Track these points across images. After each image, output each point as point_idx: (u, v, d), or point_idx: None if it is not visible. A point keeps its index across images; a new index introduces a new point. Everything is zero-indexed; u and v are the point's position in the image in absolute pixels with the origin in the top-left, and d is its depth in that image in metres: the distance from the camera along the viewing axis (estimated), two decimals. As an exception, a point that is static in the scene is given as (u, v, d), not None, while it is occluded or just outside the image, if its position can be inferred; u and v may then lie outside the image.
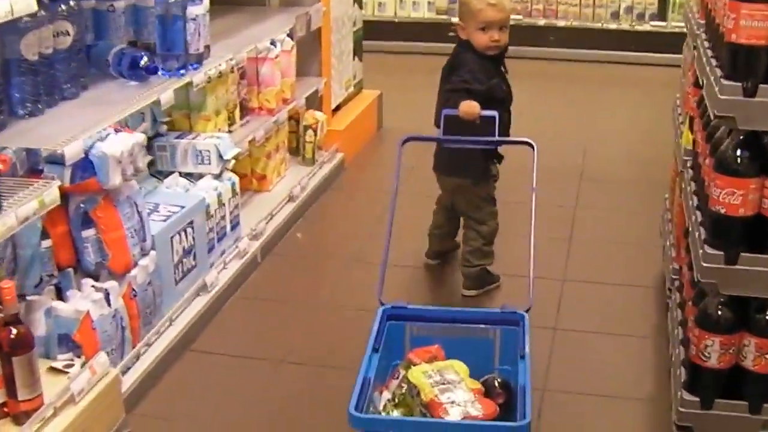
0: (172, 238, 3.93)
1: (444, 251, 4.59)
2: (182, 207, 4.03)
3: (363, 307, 3.88)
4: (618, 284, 4.51)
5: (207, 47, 4.24)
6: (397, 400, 2.95)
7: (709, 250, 2.85)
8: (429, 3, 8.89)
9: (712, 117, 2.80)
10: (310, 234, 5.08)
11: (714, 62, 2.93)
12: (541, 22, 8.79)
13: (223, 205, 4.37)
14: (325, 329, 4.17)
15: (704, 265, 2.85)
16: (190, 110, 4.56)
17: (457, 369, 2.99)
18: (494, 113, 3.70)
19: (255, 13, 5.48)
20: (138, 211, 3.66)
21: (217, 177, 4.41)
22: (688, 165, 3.58)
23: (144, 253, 3.71)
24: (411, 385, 2.92)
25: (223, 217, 4.38)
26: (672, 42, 8.40)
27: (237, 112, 4.77)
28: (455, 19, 4.29)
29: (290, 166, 5.59)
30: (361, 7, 6.56)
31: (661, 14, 8.61)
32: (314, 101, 5.73)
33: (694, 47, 3.63)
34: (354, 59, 6.43)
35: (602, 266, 4.69)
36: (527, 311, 3.23)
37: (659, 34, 8.57)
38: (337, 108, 6.18)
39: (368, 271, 4.28)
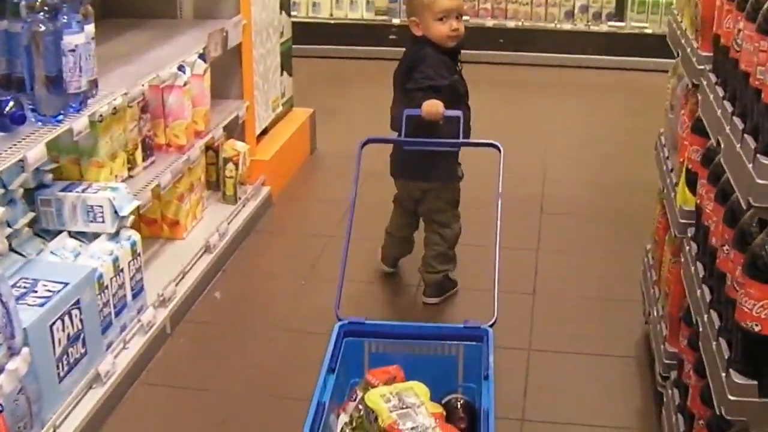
0: (51, 326, 3.15)
1: (401, 256, 4.36)
2: (66, 284, 3.26)
3: (294, 395, 3.27)
4: (592, 354, 3.81)
5: (93, 82, 3.47)
6: (354, 424, 2.82)
7: (738, 378, 2.15)
8: (367, 2, 8.12)
9: (743, 204, 2.09)
10: (230, 292, 4.33)
11: (739, 123, 2.22)
12: (490, 23, 8.11)
13: (121, 271, 3.61)
14: (251, 418, 3.44)
15: (732, 398, 2.15)
16: (79, 155, 3.77)
17: (417, 391, 2.81)
18: (458, 113, 3.57)
19: (163, 28, 4.71)
20: (2, 301, 2.88)
21: (114, 237, 3.64)
22: (689, 233, 2.89)
23: (13, 353, 2.93)
24: (368, 410, 2.77)
25: (121, 286, 3.62)
26: (632, 44, 7.80)
27: (139, 153, 4.00)
28: (397, 20, 4.27)
29: (209, 205, 4.84)
30: (289, 14, 5.80)
31: (619, 14, 7.98)
32: (236, 128, 4.97)
33: (695, 85, 2.93)
34: (282, 74, 5.67)
35: (572, 333, 3.99)
36: (491, 325, 3.07)
37: (617, 35, 7.91)
38: (264, 132, 5.42)
39: (301, 339, 3.77)
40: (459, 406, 2.96)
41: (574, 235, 4.89)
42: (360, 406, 2.83)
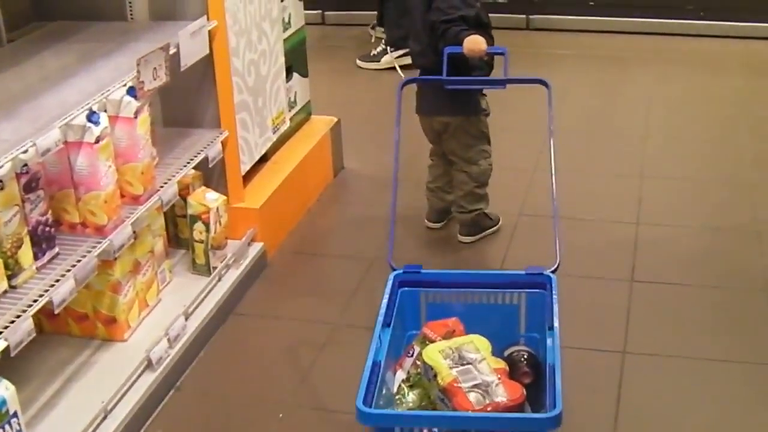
0: None
1: (446, 209, 4.09)
2: None
3: None
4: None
5: None
6: (412, 381, 2.68)
7: None
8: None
9: None
10: (182, 426, 3.03)
11: None
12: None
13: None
14: None
15: None
16: None
17: (477, 345, 2.69)
18: (503, 49, 3.30)
19: (100, 39, 3.42)
20: None
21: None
22: None
23: None
24: (427, 366, 2.63)
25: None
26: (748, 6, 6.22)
27: (28, 250, 2.71)
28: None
29: (179, 277, 3.56)
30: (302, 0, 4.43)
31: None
32: (216, 168, 3.66)
33: None
34: (290, 79, 4.31)
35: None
36: (554, 271, 2.93)
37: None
38: (264, 159, 4.08)
39: None
40: (523, 359, 2.81)
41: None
42: (418, 363, 2.72)
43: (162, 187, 3.26)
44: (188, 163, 3.46)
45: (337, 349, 3.35)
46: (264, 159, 4.11)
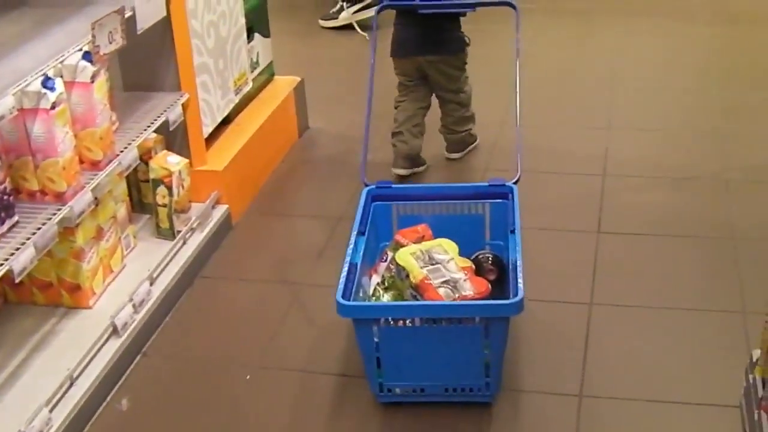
0: None
1: (413, 156, 4.13)
2: None
3: None
4: None
5: None
6: (386, 284, 2.89)
7: None
8: None
9: None
10: (146, 394, 3.02)
11: None
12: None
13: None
14: None
15: None
16: None
17: (446, 247, 2.93)
18: None
19: (51, 5, 3.35)
20: None
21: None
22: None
23: None
24: (399, 268, 2.86)
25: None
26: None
27: (-15, 218, 2.68)
28: None
29: (143, 242, 3.54)
30: (259, -44, 4.38)
31: None
32: (178, 131, 3.62)
33: None
34: (252, 39, 4.27)
35: None
36: (516, 182, 3.18)
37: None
38: (226, 121, 4.05)
39: None
40: (488, 260, 3.04)
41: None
42: (391, 266, 2.91)
43: (122, 152, 3.22)
44: (148, 127, 3.42)
45: (304, 310, 3.34)
46: (227, 121, 4.07)
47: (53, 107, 2.83)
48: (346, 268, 2.78)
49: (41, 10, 3.33)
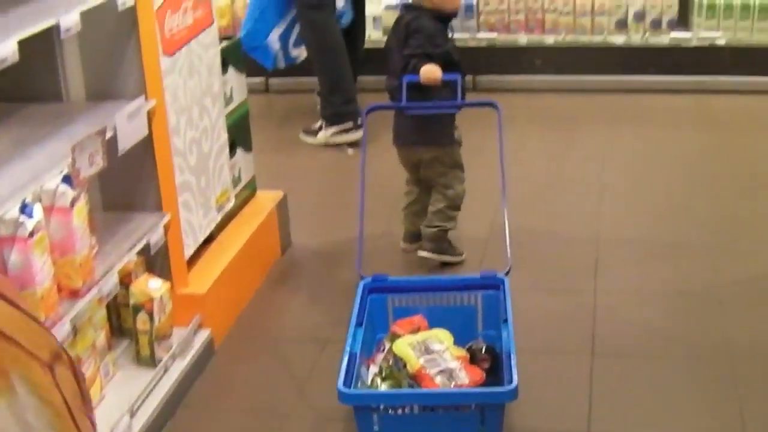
0: None
1: (419, 233, 4.22)
2: None
3: None
4: None
5: None
6: (384, 374, 2.99)
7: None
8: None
9: None
10: None
11: None
12: (524, 39, 6.50)
13: None
14: None
15: None
16: None
17: (441, 338, 3.05)
18: (456, 76, 3.80)
19: (32, 124, 3.24)
20: None
21: None
22: None
23: None
24: (397, 358, 2.98)
25: None
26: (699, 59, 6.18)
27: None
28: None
29: (122, 369, 3.38)
30: (241, 70, 4.30)
31: (684, 22, 6.31)
32: (159, 253, 3.49)
33: None
34: (234, 154, 4.18)
35: None
36: (507, 274, 3.34)
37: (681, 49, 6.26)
38: (209, 240, 3.92)
39: None
40: (481, 349, 3.11)
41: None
42: (388, 356, 3.02)
43: (102, 278, 3.09)
44: (129, 250, 3.29)
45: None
46: (209, 239, 3.95)
47: (31, 235, 2.70)
48: (346, 358, 2.94)
49: (20, 128, 3.23)
